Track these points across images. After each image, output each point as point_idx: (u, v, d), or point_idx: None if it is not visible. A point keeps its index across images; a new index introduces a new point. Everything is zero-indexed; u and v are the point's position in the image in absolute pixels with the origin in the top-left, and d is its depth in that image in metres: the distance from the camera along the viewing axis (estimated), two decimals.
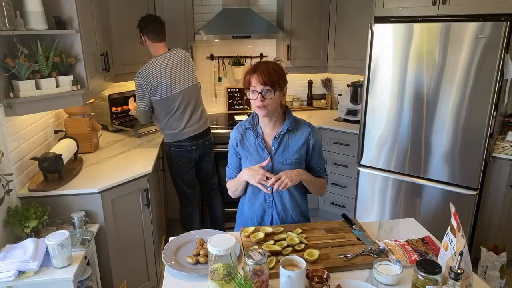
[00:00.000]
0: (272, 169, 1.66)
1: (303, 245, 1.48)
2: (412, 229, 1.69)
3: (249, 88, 1.59)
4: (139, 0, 3.11)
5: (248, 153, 1.69)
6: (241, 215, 1.82)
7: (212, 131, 3.01)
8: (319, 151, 1.74)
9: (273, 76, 1.55)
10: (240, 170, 1.73)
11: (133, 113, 2.88)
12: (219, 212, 3.10)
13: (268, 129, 1.69)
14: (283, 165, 1.66)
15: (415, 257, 1.40)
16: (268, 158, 1.63)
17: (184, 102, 2.68)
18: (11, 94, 1.92)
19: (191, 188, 2.95)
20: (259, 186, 1.59)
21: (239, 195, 1.78)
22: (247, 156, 1.70)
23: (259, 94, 1.55)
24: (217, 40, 3.69)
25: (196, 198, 3.05)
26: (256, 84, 1.55)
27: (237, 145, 1.73)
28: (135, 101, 2.77)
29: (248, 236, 1.54)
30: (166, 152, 2.87)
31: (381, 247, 1.47)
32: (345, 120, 3.55)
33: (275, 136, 1.66)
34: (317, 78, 4.03)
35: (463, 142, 2.54)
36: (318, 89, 4.10)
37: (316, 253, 1.41)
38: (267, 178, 1.57)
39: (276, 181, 1.55)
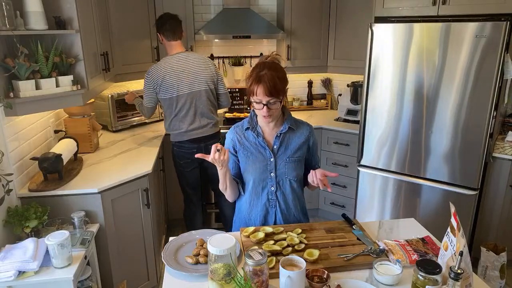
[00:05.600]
0: (275, 168, 1.66)
1: (303, 245, 1.48)
2: (412, 229, 1.69)
3: (251, 97, 1.55)
4: (139, 0, 3.11)
5: (249, 153, 1.66)
6: (238, 218, 1.78)
7: None
8: (317, 149, 1.82)
9: (278, 85, 1.50)
10: (235, 170, 1.71)
11: (136, 105, 2.93)
12: (228, 211, 3.11)
13: (268, 129, 1.68)
14: (286, 163, 1.66)
15: (415, 257, 1.40)
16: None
17: (188, 105, 2.68)
18: (11, 94, 1.92)
19: (193, 189, 2.96)
20: (215, 162, 1.50)
21: (232, 195, 1.71)
22: (248, 156, 1.66)
23: (265, 106, 1.52)
24: (217, 40, 3.69)
25: (199, 198, 3.05)
26: (262, 97, 1.50)
27: (234, 147, 1.70)
28: (141, 97, 2.79)
29: (248, 236, 1.54)
30: (171, 151, 2.89)
31: (381, 247, 1.47)
32: (345, 120, 3.55)
33: (277, 135, 1.66)
34: (317, 78, 4.03)
35: (463, 142, 2.54)
36: (318, 89, 4.10)
37: (316, 253, 1.41)
38: (219, 150, 1.46)
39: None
